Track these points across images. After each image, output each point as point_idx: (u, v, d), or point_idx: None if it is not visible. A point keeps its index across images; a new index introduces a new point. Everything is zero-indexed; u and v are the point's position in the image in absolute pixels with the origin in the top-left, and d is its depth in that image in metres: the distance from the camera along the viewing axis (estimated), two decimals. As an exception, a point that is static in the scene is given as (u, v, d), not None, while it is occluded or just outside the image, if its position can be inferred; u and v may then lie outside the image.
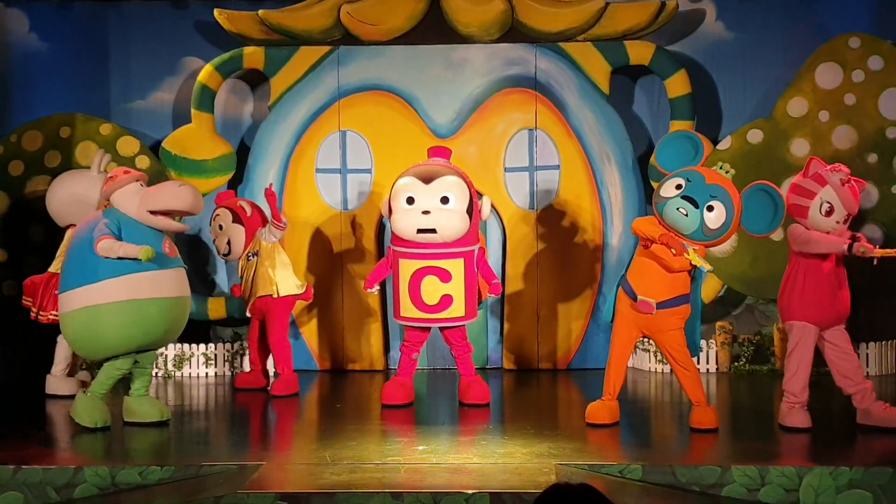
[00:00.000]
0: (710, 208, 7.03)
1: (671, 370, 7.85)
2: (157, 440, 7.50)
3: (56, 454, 7.07)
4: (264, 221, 9.08)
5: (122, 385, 7.90)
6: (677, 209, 7.04)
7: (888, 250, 7.05)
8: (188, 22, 10.52)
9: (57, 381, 8.97)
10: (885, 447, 6.91)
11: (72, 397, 8.66)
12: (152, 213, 7.44)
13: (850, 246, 6.99)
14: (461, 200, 8.08)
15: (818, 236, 7.17)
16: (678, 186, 7.12)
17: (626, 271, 7.50)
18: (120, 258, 7.27)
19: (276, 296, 8.91)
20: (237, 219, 9.05)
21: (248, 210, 9.10)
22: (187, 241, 10.33)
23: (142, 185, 7.59)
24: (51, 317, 8.73)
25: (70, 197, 8.93)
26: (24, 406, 8.67)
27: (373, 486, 6.03)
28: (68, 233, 8.80)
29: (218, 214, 9.19)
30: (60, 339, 8.87)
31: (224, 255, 9.25)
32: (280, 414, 8.77)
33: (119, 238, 7.34)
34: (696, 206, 7.01)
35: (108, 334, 7.43)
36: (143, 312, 7.39)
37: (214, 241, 9.28)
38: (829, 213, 7.20)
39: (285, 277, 8.98)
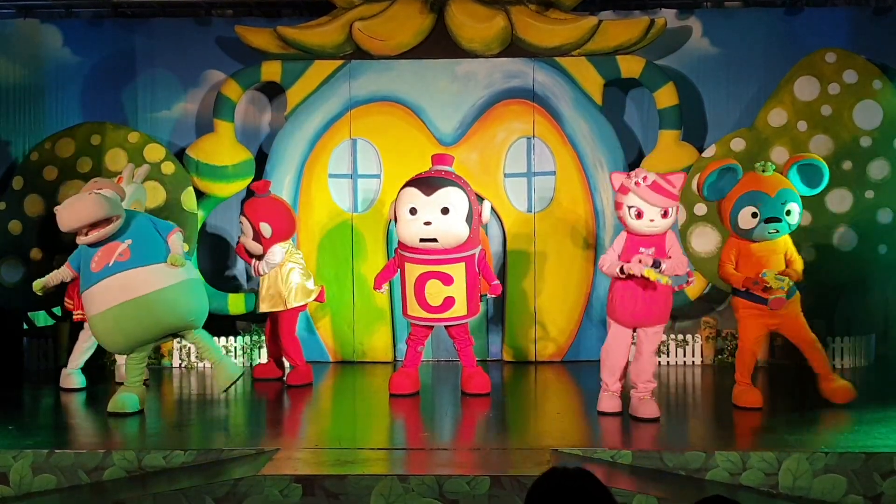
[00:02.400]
0: (788, 212, 7.45)
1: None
2: (180, 427, 7.51)
3: (87, 439, 7.09)
4: (286, 235, 9.01)
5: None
6: (769, 233, 7.49)
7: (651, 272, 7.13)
8: (210, 37, 10.54)
9: (66, 376, 8.84)
10: (860, 434, 6.91)
11: (79, 390, 8.67)
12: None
13: (622, 268, 7.25)
14: (461, 209, 8.03)
15: (603, 262, 7.48)
16: (753, 214, 7.47)
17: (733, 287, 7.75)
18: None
19: (285, 308, 8.93)
20: (256, 238, 8.89)
21: (269, 232, 8.84)
22: (208, 239, 10.35)
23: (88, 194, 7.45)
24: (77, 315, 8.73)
25: None
26: (43, 396, 8.71)
27: (381, 469, 6.04)
28: None
29: (242, 222, 9.05)
30: (81, 335, 8.84)
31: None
32: (295, 402, 8.78)
33: (79, 262, 7.51)
34: (779, 220, 7.42)
35: (100, 340, 7.64)
36: (106, 324, 7.40)
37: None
38: (639, 215, 7.25)
39: (296, 288, 8.90)
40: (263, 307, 8.98)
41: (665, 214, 7.27)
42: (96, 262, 7.34)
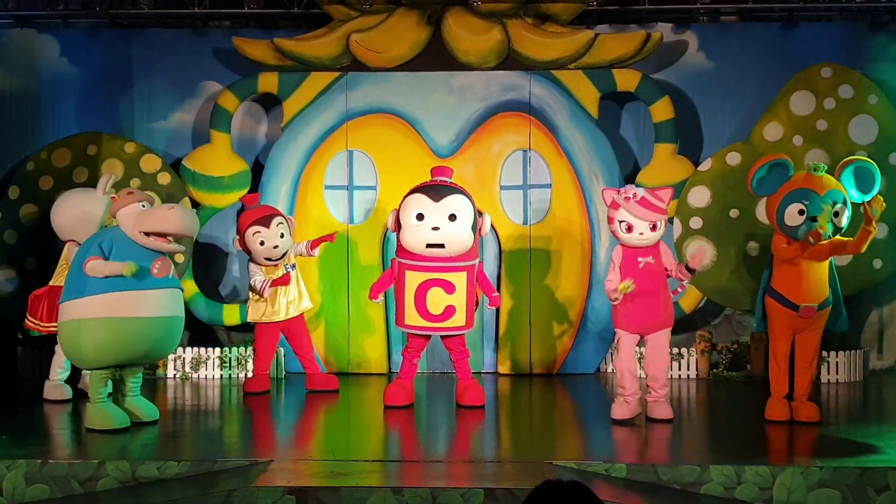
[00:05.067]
0: (837, 213, 7.33)
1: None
2: (174, 437, 7.49)
3: (80, 449, 7.06)
4: None
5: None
6: (814, 230, 7.29)
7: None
8: (207, 48, 10.55)
9: (51, 388, 8.73)
10: (854, 449, 6.91)
11: (65, 402, 8.61)
12: (147, 234, 7.34)
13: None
14: (467, 217, 8.07)
15: (607, 287, 7.66)
16: (801, 212, 7.35)
17: (767, 283, 7.65)
18: (107, 276, 7.19)
19: (309, 309, 9.21)
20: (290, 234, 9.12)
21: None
22: (203, 250, 10.34)
23: (144, 205, 7.48)
24: (41, 327, 8.62)
25: (74, 214, 8.68)
26: (37, 406, 8.65)
27: (375, 481, 6.02)
28: (67, 246, 8.70)
29: (282, 223, 9.01)
30: (58, 348, 8.66)
31: (271, 259, 8.97)
32: (288, 413, 8.77)
33: (107, 257, 7.28)
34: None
35: (87, 348, 7.33)
36: (120, 330, 7.26)
37: (262, 242, 8.91)
38: (630, 229, 7.58)
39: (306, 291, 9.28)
40: (292, 312, 9.07)
41: (654, 228, 7.58)
42: (158, 269, 7.31)
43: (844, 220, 7.41)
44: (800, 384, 7.66)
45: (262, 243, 8.92)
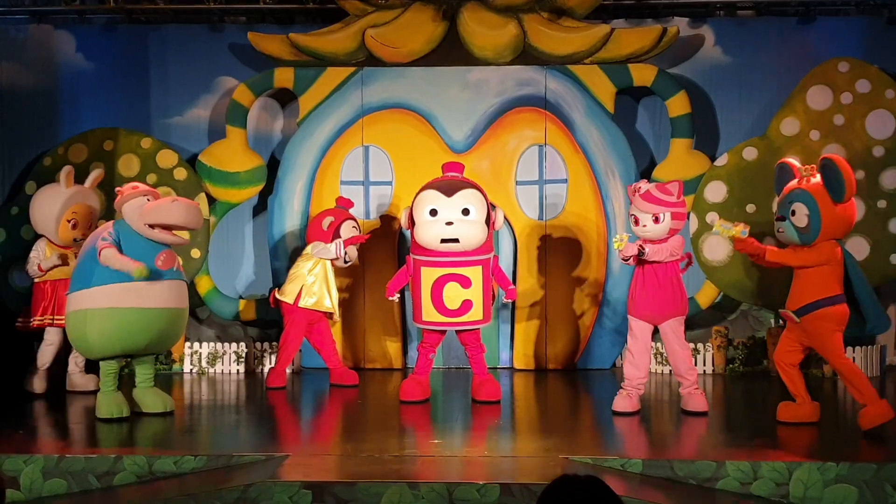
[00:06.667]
0: (793, 212, 7.30)
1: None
2: (190, 432, 7.53)
3: (97, 444, 7.10)
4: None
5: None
6: (777, 231, 7.42)
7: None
8: (223, 44, 10.57)
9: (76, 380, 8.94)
10: (871, 444, 6.89)
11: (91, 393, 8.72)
12: (151, 226, 7.53)
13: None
14: (480, 211, 8.10)
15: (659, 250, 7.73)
16: (775, 214, 7.52)
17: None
18: (117, 269, 7.41)
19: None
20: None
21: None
22: (220, 245, 10.37)
23: (149, 199, 7.65)
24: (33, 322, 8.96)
25: (41, 210, 9.05)
26: (54, 400, 8.70)
27: (391, 476, 6.04)
28: (39, 240, 9.02)
29: (355, 226, 9.43)
30: (43, 345, 8.95)
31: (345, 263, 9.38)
32: (305, 408, 8.79)
33: (119, 248, 7.47)
34: (783, 219, 7.34)
35: (91, 338, 7.54)
36: (123, 320, 7.44)
37: (346, 243, 9.27)
38: (637, 222, 7.83)
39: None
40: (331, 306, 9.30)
41: (656, 220, 7.71)
42: (162, 261, 7.48)
43: (802, 221, 7.22)
44: (853, 394, 7.38)
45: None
